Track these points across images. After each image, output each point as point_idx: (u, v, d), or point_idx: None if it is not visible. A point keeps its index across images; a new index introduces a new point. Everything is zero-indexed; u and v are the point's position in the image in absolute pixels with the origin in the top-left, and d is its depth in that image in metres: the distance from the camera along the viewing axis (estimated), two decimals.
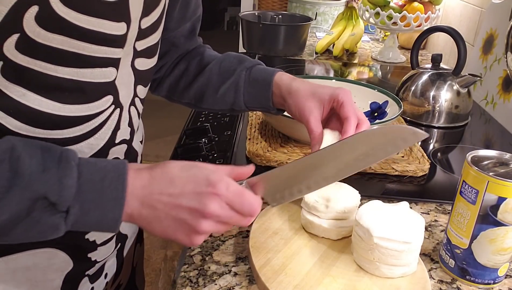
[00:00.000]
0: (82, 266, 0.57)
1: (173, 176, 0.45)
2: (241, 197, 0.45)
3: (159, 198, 0.44)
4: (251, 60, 0.69)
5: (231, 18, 5.22)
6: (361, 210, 0.55)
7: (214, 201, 0.44)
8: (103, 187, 0.42)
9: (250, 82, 0.66)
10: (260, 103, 0.66)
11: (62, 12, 0.42)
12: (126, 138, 0.56)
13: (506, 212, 0.50)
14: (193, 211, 0.44)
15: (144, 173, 0.45)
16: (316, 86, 0.61)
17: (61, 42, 0.43)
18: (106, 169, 0.43)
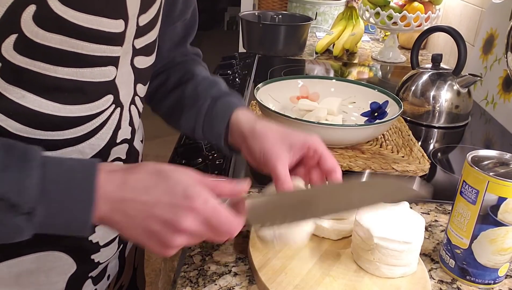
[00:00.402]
0: (86, 268, 0.56)
1: (149, 184, 0.43)
2: (219, 215, 0.43)
3: (132, 205, 0.42)
4: (221, 89, 0.64)
5: (231, 18, 5.22)
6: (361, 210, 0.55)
7: (189, 216, 0.42)
8: (71, 188, 0.40)
9: (210, 113, 0.61)
10: (214, 138, 0.61)
11: (60, 10, 0.41)
12: (127, 137, 0.56)
13: (506, 212, 0.50)
14: (166, 224, 0.42)
15: (117, 176, 0.43)
16: (285, 131, 0.55)
17: (60, 42, 0.43)
18: (74, 170, 0.41)
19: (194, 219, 0.42)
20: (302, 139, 0.54)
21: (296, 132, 0.55)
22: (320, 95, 0.95)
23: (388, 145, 0.84)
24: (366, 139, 0.83)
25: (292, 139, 0.54)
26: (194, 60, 0.72)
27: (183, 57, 0.72)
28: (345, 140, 0.80)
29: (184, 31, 0.70)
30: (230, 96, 0.63)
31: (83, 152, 0.50)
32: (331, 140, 0.80)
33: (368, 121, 0.91)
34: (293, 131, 0.55)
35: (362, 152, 0.81)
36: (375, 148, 0.83)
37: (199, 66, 0.71)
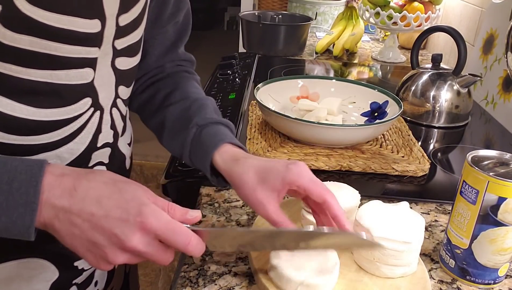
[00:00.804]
0: (69, 275, 0.55)
1: (100, 195, 0.40)
2: (174, 229, 0.41)
3: (78, 213, 0.40)
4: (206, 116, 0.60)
5: (231, 18, 5.22)
6: (361, 210, 0.55)
7: (138, 235, 0.40)
8: (11, 189, 0.38)
9: (196, 144, 0.59)
10: (202, 170, 0.58)
11: (28, 10, 0.39)
12: (109, 141, 0.54)
13: (506, 212, 0.50)
14: (112, 239, 0.40)
15: (66, 182, 0.40)
16: (263, 171, 0.51)
17: (30, 43, 0.41)
18: (16, 170, 0.39)
19: (143, 238, 0.40)
20: (280, 178, 0.49)
21: (276, 169, 0.50)
22: (320, 95, 0.95)
23: (388, 145, 0.84)
24: (366, 139, 0.83)
25: (270, 180, 0.50)
26: (186, 72, 0.69)
27: (173, 67, 0.68)
28: (345, 140, 0.80)
29: (175, 35, 0.66)
30: (214, 124, 0.59)
31: (61, 157, 0.49)
32: (331, 140, 0.80)
33: (368, 121, 0.91)
34: (272, 168, 0.50)
35: (362, 152, 0.81)
36: (375, 148, 0.83)
37: (190, 81, 0.67)
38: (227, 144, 0.56)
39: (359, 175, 0.76)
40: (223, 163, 0.54)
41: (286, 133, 0.84)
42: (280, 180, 0.49)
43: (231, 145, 0.56)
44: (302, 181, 0.49)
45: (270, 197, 0.50)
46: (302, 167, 0.50)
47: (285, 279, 0.48)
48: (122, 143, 0.59)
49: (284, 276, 0.48)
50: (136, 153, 2.51)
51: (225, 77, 1.19)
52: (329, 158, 0.78)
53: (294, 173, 0.49)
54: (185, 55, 0.70)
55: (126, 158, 0.61)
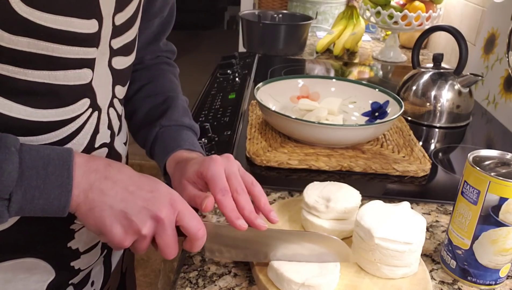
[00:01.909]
0: (65, 275, 0.55)
1: (132, 174, 0.45)
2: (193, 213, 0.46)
3: (113, 185, 0.43)
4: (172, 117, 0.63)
5: (231, 17, 5.22)
6: (362, 211, 0.55)
7: (167, 208, 0.44)
8: (47, 173, 0.41)
9: (156, 142, 0.63)
10: (160, 168, 0.63)
11: (24, 12, 0.39)
12: (106, 141, 0.54)
13: (508, 213, 0.50)
14: (144, 210, 0.43)
15: (99, 161, 0.44)
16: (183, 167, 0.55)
17: (28, 45, 0.41)
18: (50, 157, 0.41)
19: (170, 213, 0.44)
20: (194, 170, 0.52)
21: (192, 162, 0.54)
22: (321, 95, 0.95)
23: (389, 145, 0.84)
24: (366, 139, 0.83)
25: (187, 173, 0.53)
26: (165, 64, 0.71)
27: (153, 59, 0.70)
28: (345, 140, 0.80)
29: (159, 28, 0.68)
30: (178, 127, 0.63)
31: None
32: (331, 140, 0.80)
33: (368, 121, 0.90)
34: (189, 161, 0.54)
35: (362, 152, 0.81)
36: (376, 148, 0.83)
37: (167, 75, 0.69)
38: (182, 150, 0.60)
39: (360, 175, 0.76)
40: (169, 168, 0.60)
41: (286, 133, 0.84)
42: (195, 173, 0.52)
43: (186, 151, 0.60)
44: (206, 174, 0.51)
45: (194, 190, 0.52)
46: (215, 161, 0.51)
47: (286, 280, 0.48)
48: (118, 142, 0.59)
49: (285, 278, 0.48)
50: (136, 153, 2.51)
51: (225, 77, 1.19)
52: (329, 158, 0.78)
53: (204, 167, 0.51)
54: (166, 46, 0.72)
55: (122, 157, 0.61)
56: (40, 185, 0.40)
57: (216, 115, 0.96)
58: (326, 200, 0.58)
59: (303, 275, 0.48)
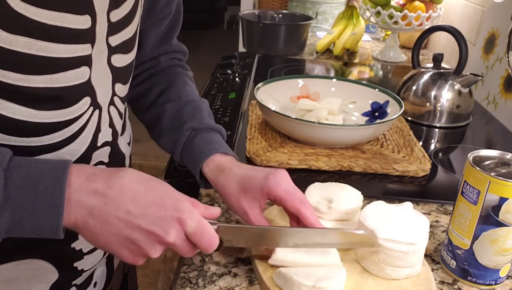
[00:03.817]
0: (68, 276, 0.55)
1: (135, 192, 0.42)
2: (203, 228, 0.44)
3: (115, 212, 0.41)
4: (202, 120, 0.63)
5: (231, 17, 5.22)
6: (365, 211, 0.54)
7: (175, 230, 0.42)
8: (37, 192, 0.39)
9: (189, 145, 0.61)
10: (192, 171, 0.62)
11: (20, 8, 0.39)
12: (108, 140, 0.54)
13: (508, 213, 0.50)
14: (151, 236, 0.42)
15: (99, 180, 0.41)
16: (244, 182, 0.53)
17: (26, 45, 0.41)
18: (41, 173, 0.39)
19: (179, 232, 0.43)
20: (258, 187, 0.52)
21: (255, 178, 0.53)
22: (321, 95, 0.95)
23: (389, 145, 0.84)
24: (366, 139, 0.82)
25: (251, 189, 0.53)
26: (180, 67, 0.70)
27: (168, 61, 0.70)
28: (345, 140, 0.80)
29: (168, 26, 0.67)
30: (209, 131, 0.62)
31: (62, 158, 0.48)
32: (331, 140, 0.80)
33: (368, 121, 0.90)
34: (252, 177, 0.53)
35: (362, 152, 0.81)
36: (376, 148, 0.83)
37: (184, 79, 0.69)
38: (217, 154, 0.59)
39: (360, 175, 0.76)
40: (209, 173, 0.58)
41: (286, 133, 0.84)
42: (259, 190, 0.52)
43: (221, 154, 0.59)
44: (278, 192, 0.51)
45: (252, 204, 0.53)
46: (280, 177, 0.52)
47: (296, 284, 0.48)
48: (122, 142, 0.59)
49: (295, 282, 0.48)
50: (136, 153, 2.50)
51: (225, 77, 1.19)
52: (329, 158, 0.78)
53: (271, 184, 0.51)
54: (179, 46, 0.72)
55: (126, 157, 0.61)
56: (28, 206, 0.39)
57: (216, 115, 0.96)
58: (328, 201, 0.58)
59: (312, 278, 0.48)
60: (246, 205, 0.53)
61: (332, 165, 0.76)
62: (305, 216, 0.51)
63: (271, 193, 0.51)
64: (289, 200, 0.51)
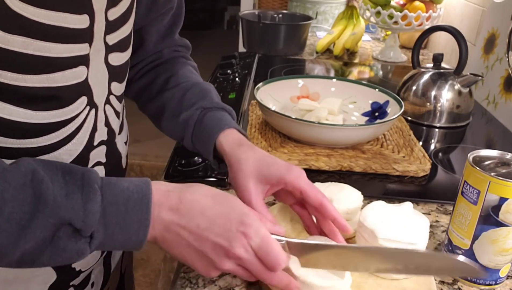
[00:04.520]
0: (66, 276, 0.55)
1: (204, 207, 0.44)
2: (268, 244, 0.44)
3: (185, 226, 0.43)
4: (212, 99, 0.62)
5: (231, 17, 5.21)
6: (365, 211, 0.54)
7: (241, 243, 0.43)
8: (127, 209, 0.41)
9: (199, 125, 0.60)
10: (204, 152, 0.61)
11: (18, 8, 0.39)
12: (104, 139, 0.54)
13: (508, 213, 0.50)
14: (217, 248, 0.43)
15: (173, 196, 0.44)
16: (263, 164, 0.53)
17: (24, 45, 0.40)
18: (129, 191, 0.42)
19: (246, 246, 0.43)
20: (279, 175, 0.52)
21: (277, 165, 0.52)
22: (321, 95, 0.95)
23: (389, 145, 0.84)
24: (366, 139, 0.82)
25: (268, 173, 0.52)
26: (183, 58, 0.70)
27: (171, 53, 0.70)
28: (345, 140, 0.80)
29: (171, 21, 0.67)
30: (219, 110, 0.61)
31: (59, 158, 0.48)
32: (331, 140, 0.80)
33: (369, 121, 0.90)
34: (273, 164, 0.53)
35: (362, 152, 0.81)
36: (376, 148, 0.83)
37: (188, 68, 0.69)
38: (232, 129, 0.58)
39: (360, 175, 0.76)
40: (227, 145, 0.57)
41: (286, 133, 0.84)
42: (278, 177, 0.52)
43: (235, 130, 0.59)
44: (300, 183, 0.52)
45: (259, 188, 0.52)
46: (301, 171, 0.53)
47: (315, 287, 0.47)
48: (119, 141, 0.59)
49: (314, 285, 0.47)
50: (136, 153, 2.51)
51: (225, 77, 1.19)
52: (329, 158, 0.78)
53: (295, 175, 0.52)
54: (182, 41, 0.71)
55: (122, 156, 0.61)
56: (120, 222, 0.41)
57: None
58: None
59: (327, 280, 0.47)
60: (252, 186, 0.52)
61: (332, 165, 0.76)
62: (328, 207, 0.51)
63: (293, 183, 0.52)
64: (312, 192, 0.52)
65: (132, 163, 2.32)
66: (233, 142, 0.56)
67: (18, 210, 0.38)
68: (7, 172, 0.38)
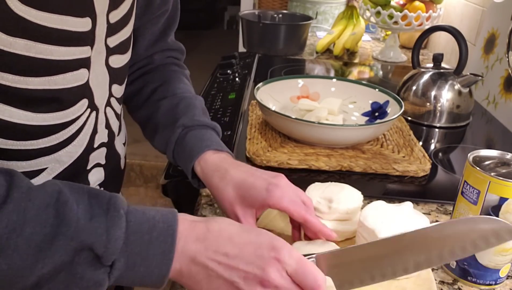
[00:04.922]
0: None
1: (232, 234, 0.41)
2: (304, 267, 0.40)
3: (213, 256, 0.40)
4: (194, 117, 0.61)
5: (231, 17, 5.21)
6: (365, 211, 0.54)
7: (275, 268, 0.40)
8: (151, 238, 0.38)
9: (180, 143, 0.59)
10: (185, 171, 0.60)
11: (21, 11, 0.39)
12: (104, 141, 0.54)
13: (508, 213, 0.50)
14: (249, 277, 0.40)
15: (199, 226, 0.41)
16: (243, 189, 0.52)
17: (26, 48, 0.40)
18: (154, 219, 0.39)
19: (280, 272, 0.40)
20: (260, 199, 0.51)
21: (256, 189, 0.51)
22: (321, 95, 0.95)
23: (389, 145, 0.84)
24: (366, 139, 0.82)
25: (250, 198, 0.52)
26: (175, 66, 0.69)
27: (163, 59, 0.68)
28: (345, 140, 0.80)
29: (165, 24, 0.66)
30: (201, 127, 0.60)
31: (60, 160, 0.48)
32: (331, 140, 0.80)
33: (368, 121, 0.90)
34: (252, 187, 0.52)
35: (362, 152, 0.81)
36: (376, 148, 0.83)
37: (179, 76, 0.67)
38: (209, 151, 0.57)
39: (360, 175, 0.76)
40: (202, 172, 0.56)
41: (286, 133, 0.84)
42: (260, 201, 0.51)
43: (214, 151, 0.57)
44: (283, 204, 0.51)
45: (247, 212, 0.52)
46: (282, 188, 0.51)
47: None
48: (118, 143, 0.59)
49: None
50: (136, 153, 2.51)
51: (225, 77, 1.19)
52: (329, 158, 0.78)
53: (275, 197, 0.51)
54: (175, 44, 0.70)
55: (121, 157, 0.61)
56: (143, 252, 0.38)
57: (216, 115, 0.96)
58: (328, 201, 0.58)
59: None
60: (240, 212, 0.52)
61: (332, 165, 0.76)
62: (312, 223, 0.51)
63: (276, 206, 0.51)
64: (295, 210, 0.51)
65: (132, 163, 2.32)
66: (209, 169, 0.55)
67: (39, 231, 0.36)
68: (32, 191, 0.37)
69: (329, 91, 0.95)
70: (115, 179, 0.61)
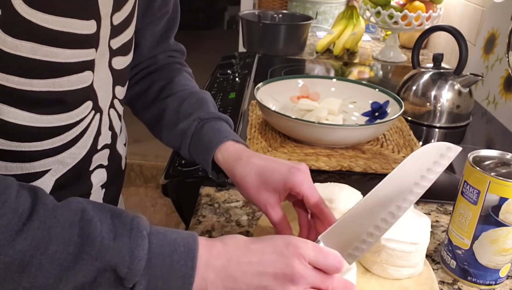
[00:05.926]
0: None
1: (248, 243, 0.42)
2: (322, 252, 0.42)
3: (238, 267, 0.40)
4: (209, 110, 0.61)
5: (231, 17, 5.21)
6: None
7: (298, 261, 0.40)
8: (173, 262, 0.38)
9: (197, 136, 0.59)
10: (202, 164, 0.59)
11: (27, 14, 0.39)
12: (107, 142, 0.54)
13: (508, 213, 0.50)
14: (279, 277, 0.40)
15: (216, 244, 0.41)
16: (264, 173, 0.52)
17: (32, 50, 0.40)
18: (176, 243, 0.39)
19: (303, 263, 0.41)
20: (282, 180, 0.51)
21: (276, 171, 0.51)
22: (321, 95, 0.95)
23: (389, 145, 0.84)
24: (367, 139, 0.82)
25: (273, 181, 0.51)
26: (178, 64, 0.69)
27: (166, 58, 0.69)
28: (345, 140, 0.80)
29: (166, 25, 0.67)
30: (216, 120, 0.60)
31: (63, 162, 0.48)
32: (331, 140, 0.80)
33: (369, 121, 0.90)
34: (274, 170, 0.51)
35: (363, 152, 0.81)
36: (376, 148, 0.83)
37: (183, 74, 0.68)
38: (229, 141, 0.57)
39: (360, 175, 0.76)
40: (224, 161, 0.55)
41: (286, 133, 0.84)
42: (282, 184, 0.50)
43: (233, 142, 0.57)
44: (302, 188, 0.50)
45: (272, 198, 0.51)
46: (304, 173, 0.51)
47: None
48: (119, 143, 0.59)
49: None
50: (136, 153, 2.51)
51: (225, 77, 1.19)
52: (329, 158, 0.78)
53: (296, 180, 0.50)
54: (176, 46, 0.71)
55: (122, 158, 0.61)
56: (164, 275, 0.38)
57: None
58: (328, 201, 0.58)
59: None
60: (266, 198, 0.51)
61: (332, 165, 0.76)
62: (328, 216, 0.50)
63: (295, 188, 0.50)
64: (313, 196, 0.50)
65: (132, 163, 2.32)
66: (230, 158, 0.55)
67: (62, 249, 0.35)
68: (58, 209, 0.37)
69: (329, 91, 0.95)
70: (117, 179, 0.61)
